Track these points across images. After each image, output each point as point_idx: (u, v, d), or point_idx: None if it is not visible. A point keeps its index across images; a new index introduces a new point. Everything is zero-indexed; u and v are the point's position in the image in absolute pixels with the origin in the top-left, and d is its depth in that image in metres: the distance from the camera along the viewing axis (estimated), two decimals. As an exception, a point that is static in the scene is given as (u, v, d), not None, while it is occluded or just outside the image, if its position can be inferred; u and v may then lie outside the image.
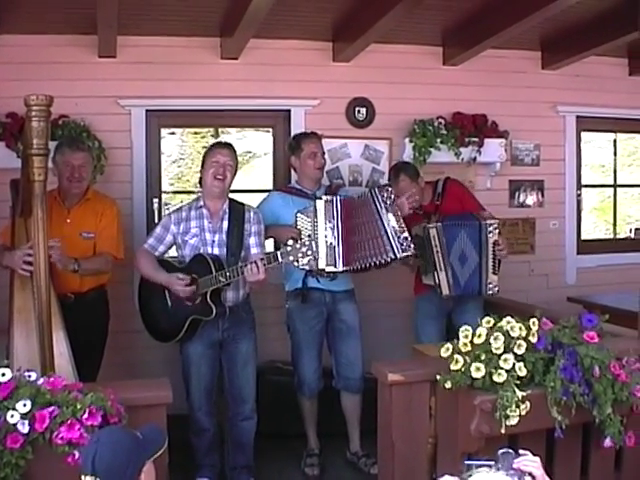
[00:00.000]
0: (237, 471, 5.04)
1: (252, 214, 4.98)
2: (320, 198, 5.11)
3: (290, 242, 4.54)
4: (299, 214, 5.06)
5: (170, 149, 6.98)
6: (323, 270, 5.02)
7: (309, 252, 4.50)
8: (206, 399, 4.93)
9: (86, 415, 3.11)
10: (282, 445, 5.61)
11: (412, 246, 5.02)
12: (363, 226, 5.06)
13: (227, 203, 4.94)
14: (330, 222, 5.03)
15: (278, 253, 4.56)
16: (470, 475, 2.15)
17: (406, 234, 5.02)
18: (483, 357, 3.54)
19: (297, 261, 4.55)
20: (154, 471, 2.73)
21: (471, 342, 3.61)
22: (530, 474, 2.19)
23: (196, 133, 7.26)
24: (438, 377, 3.65)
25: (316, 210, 5.04)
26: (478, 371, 3.50)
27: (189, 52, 6.13)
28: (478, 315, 3.88)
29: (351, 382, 5.39)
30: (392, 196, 5.05)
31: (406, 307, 6.18)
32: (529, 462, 2.22)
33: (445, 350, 3.64)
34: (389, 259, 5.01)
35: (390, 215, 5.01)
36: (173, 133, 7.15)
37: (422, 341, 5.46)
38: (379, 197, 5.04)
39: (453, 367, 3.58)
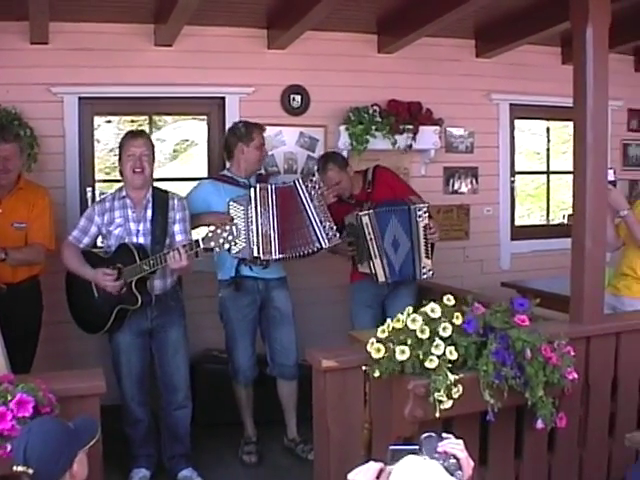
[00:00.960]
0: (175, 460, 5.02)
1: (176, 201, 4.94)
2: (254, 186, 5.10)
3: (211, 228, 4.53)
4: (232, 202, 5.04)
5: (107, 137, 6.89)
6: (258, 258, 5.02)
7: (230, 237, 4.49)
8: (138, 389, 4.89)
9: (15, 405, 3.07)
10: (220, 434, 5.60)
11: (337, 235, 5.11)
12: (293, 215, 5.10)
13: (150, 192, 4.89)
14: (265, 210, 5.03)
15: (199, 239, 4.55)
16: (396, 460, 2.17)
17: (331, 224, 5.09)
18: (410, 342, 3.57)
19: (219, 247, 4.54)
20: (87, 461, 2.72)
21: (393, 328, 3.65)
22: (454, 456, 2.21)
23: (133, 121, 7.17)
24: (364, 368, 3.69)
25: (250, 198, 5.03)
26: (403, 354, 3.53)
27: (123, 39, 6.06)
28: (410, 301, 3.93)
29: (286, 369, 5.40)
30: (316, 186, 5.10)
31: (341, 294, 6.23)
32: (453, 445, 2.23)
33: (370, 345, 3.66)
34: (315, 249, 5.10)
35: (314, 205, 5.08)
36: (110, 121, 7.06)
37: (358, 329, 5.48)
38: (303, 187, 5.11)
39: (375, 355, 3.61)
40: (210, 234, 4.51)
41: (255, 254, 4.95)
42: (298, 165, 6.60)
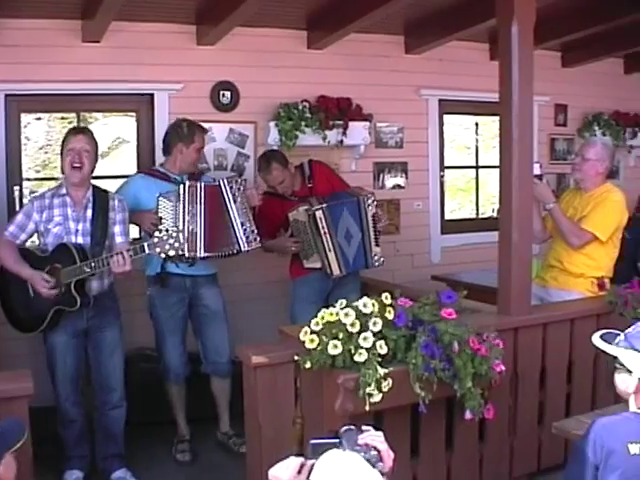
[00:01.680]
0: (108, 461, 4.96)
1: (117, 202, 4.88)
2: (184, 183, 5.08)
3: (157, 234, 4.50)
4: (161, 198, 5.01)
5: (36, 135, 6.79)
6: (182, 256, 4.96)
7: (176, 244, 4.47)
8: (73, 389, 4.82)
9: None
10: (153, 433, 5.55)
11: (258, 239, 5.13)
12: (218, 215, 5.09)
13: (91, 191, 4.82)
14: (193, 207, 5.01)
15: (145, 245, 4.51)
16: (317, 454, 2.18)
17: (252, 227, 5.11)
18: (341, 335, 3.59)
19: (165, 253, 4.52)
20: (15, 463, 2.69)
21: (327, 321, 3.67)
22: (375, 448, 2.22)
23: (63, 118, 7.08)
24: (296, 357, 3.70)
25: (179, 195, 5.00)
26: (335, 348, 3.56)
27: (50, 35, 5.93)
28: (355, 296, 3.94)
29: (219, 366, 5.39)
30: (241, 187, 5.11)
31: (277, 290, 6.25)
32: (373, 437, 2.25)
33: (304, 334, 3.68)
34: (235, 251, 5.11)
35: (237, 206, 5.08)
36: (39, 119, 6.95)
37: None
38: (227, 187, 5.10)
39: (309, 346, 3.63)
40: (156, 239, 4.48)
41: (170, 253, 4.91)
42: (228, 161, 6.56)
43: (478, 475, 4.57)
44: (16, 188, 6.00)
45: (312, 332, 3.67)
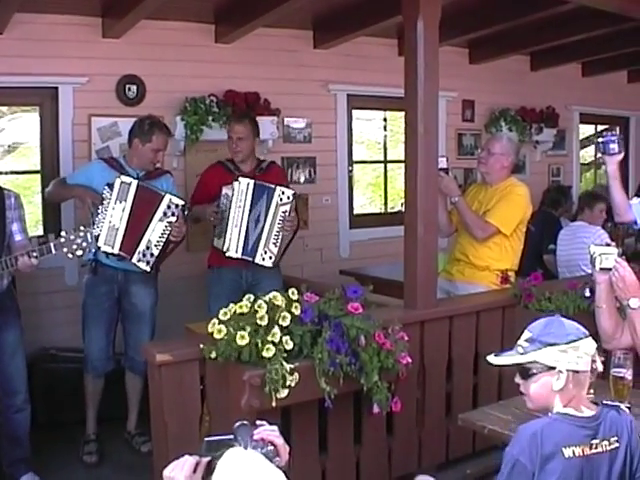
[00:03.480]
0: (15, 466, 4.81)
1: (13, 200, 4.72)
2: (119, 177, 5.00)
3: (64, 233, 4.40)
4: (107, 187, 4.93)
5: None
6: (99, 248, 4.91)
7: (84, 244, 4.37)
8: (-26, 395, 4.71)
9: None
10: (60, 434, 5.44)
11: (148, 267, 5.01)
12: (141, 219, 4.99)
13: None
14: (120, 203, 4.93)
15: (52, 245, 4.38)
16: (211, 452, 2.16)
17: (155, 252, 4.99)
18: (249, 329, 3.58)
19: (72, 253, 4.43)
20: None
21: (235, 313, 3.65)
22: (272, 443, 2.21)
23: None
24: (202, 346, 3.67)
25: (113, 187, 4.93)
26: (242, 339, 3.55)
27: (-51, 27, 5.78)
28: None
29: (135, 363, 5.29)
30: (175, 214, 5.00)
31: (186, 284, 6.27)
32: (268, 432, 2.24)
33: (212, 325, 3.66)
34: (129, 258, 5.00)
35: (159, 226, 4.98)
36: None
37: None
38: (165, 205, 5.00)
39: (216, 336, 3.61)
40: (62, 239, 4.37)
41: (99, 243, 4.81)
42: (135, 156, 6.45)
43: (387, 468, 4.61)
44: None
45: (220, 322, 3.65)
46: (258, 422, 2.26)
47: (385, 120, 8.44)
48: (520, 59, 8.69)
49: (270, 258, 5.40)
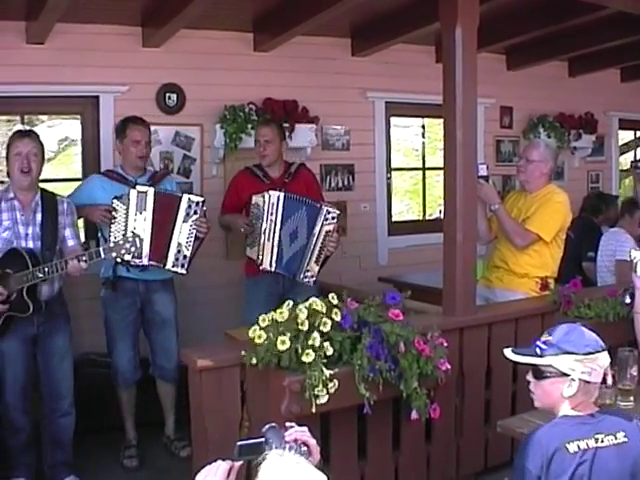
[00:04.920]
0: (56, 468, 4.89)
1: (65, 205, 4.83)
2: (134, 187, 5.01)
3: (112, 238, 4.48)
4: (115, 200, 4.93)
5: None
6: (129, 262, 4.93)
7: (132, 249, 4.45)
8: (22, 397, 4.73)
9: None
10: (100, 439, 5.47)
11: (186, 266, 5.02)
12: (165, 226, 5.01)
13: (39, 194, 4.76)
14: (141, 214, 4.94)
15: (101, 249, 4.48)
16: (244, 456, 2.17)
17: (187, 253, 5.00)
18: (289, 334, 3.60)
19: (120, 257, 4.50)
20: None
21: (274, 319, 3.68)
22: (304, 443, 2.22)
23: (9, 121, 6.98)
24: (243, 353, 3.70)
25: (129, 200, 4.94)
26: (283, 344, 3.56)
27: (-7, 36, 5.88)
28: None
29: (166, 371, 5.36)
30: (198, 212, 5.02)
31: (224, 292, 6.26)
32: (300, 432, 2.25)
33: (252, 331, 3.68)
34: (162, 266, 5.03)
35: (184, 227, 5.00)
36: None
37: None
38: (185, 204, 5.01)
39: (257, 341, 3.63)
40: (112, 244, 4.47)
41: (125, 258, 4.86)
42: (174, 164, 6.53)
43: (425, 475, 4.59)
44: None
45: (260, 329, 3.67)
46: (288, 424, 2.28)
47: (423, 127, 8.43)
48: (558, 65, 8.65)
49: (312, 277, 5.40)
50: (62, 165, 7.61)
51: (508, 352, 3.04)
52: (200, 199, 5.08)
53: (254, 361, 3.64)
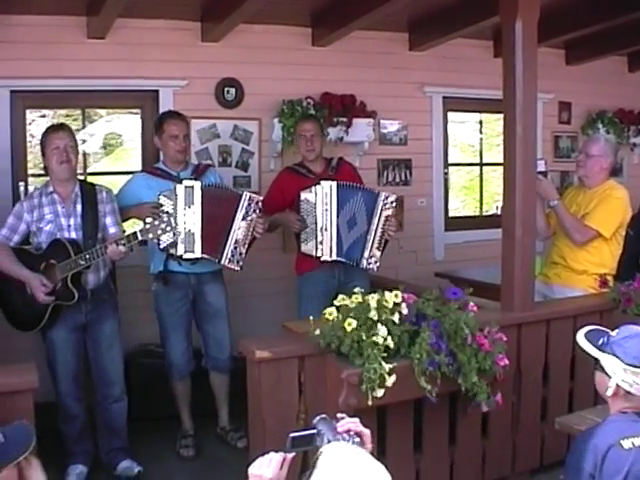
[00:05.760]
0: (113, 453, 4.99)
1: (104, 194, 4.91)
2: (181, 182, 5.04)
3: (148, 220, 4.52)
4: (161, 196, 4.97)
5: (41, 132, 6.78)
6: (181, 256, 4.98)
7: (168, 228, 4.49)
8: (74, 385, 4.83)
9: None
10: (156, 428, 5.55)
11: (240, 264, 5.04)
12: (220, 220, 5.04)
13: (78, 186, 4.85)
14: (190, 207, 4.97)
15: (137, 231, 4.53)
16: (296, 447, 2.19)
17: (242, 251, 5.03)
18: (355, 323, 3.63)
19: (158, 238, 4.55)
20: (16, 476, 2.63)
21: (346, 305, 3.73)
22: (358, 434, 2.23)
23: (68, 115, 7.09)
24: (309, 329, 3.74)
25: (176, 195, 4.97)
26: (349, 325, 3.59)
27: (55, 31, 5.94)
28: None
29: (219, 362, 5.41)
30: (256, 210, 5.05)
31: (281, 285, 6.29)
32: (353, 423, 2.25)
33: (329, 313, 3.72)
34: (216, 260, 5.06)
35: (243, 224, 5.02)
36: (44, 116, 6.96)
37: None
38: (245, 203, 5.03)
39: (327, 317, 3.68)
40: (147, 225, 4.50)
41: (179, 252, 4.88)
42: (233, 158, 6.58)
43: (480, 471, 4.59)
44: (21, 184, 6.01)
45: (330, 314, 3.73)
46: (339, 415, 2.29)
47: (480, 123, 8.38)
48: (617, 60, 8.51)
49: (375, 263, 5.40)
50: (119, 160, 7.69)
51: (580, 335, 3.02)
52: (260, 198, 5.12)
53: (317, 332, 3.69)
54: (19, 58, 5.84)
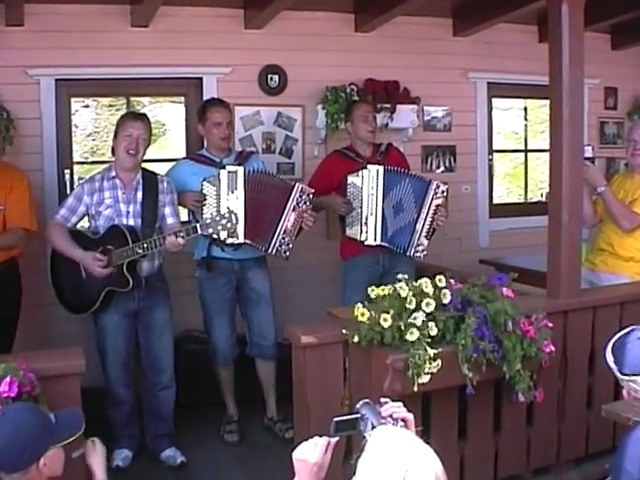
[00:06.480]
0: (158, 440, 5.05)
1: (165, 184, 4.96)
2: (224, 167, 5.07)
3: (209, 214, 4.56)
4: (205, 182, 5.00)
5: (84, 122, 6.83)
6: (224, 241, 4.98)
7: (229, 224, 4.52)
8: (123, 370, 4.90)
9: (4, 387, 3.06)
10: (201, 414, 5.61)
11: (287, 255, 5.04)
12: (267, 205, 5.05)
13: (140, 174, 4.89)
14: (233, 193, 4.98)
15: (197, 225, 4.58)
16: (340, 432, 2.19)
17: (290, 242, 5.02)
18: (392, 312, 3.61)
19: (216, 233, 4.57)
20: (62, 457, 2.71)
21: (379, 295, 3.70)
22: (402, 419, 2.22)
23: (111, 105, 7.11)
24: (344, 331, 3.73)
25: (219, 180, 4.99)
26: (385, 322, 3.58)
27: (99, 20, 5.99)
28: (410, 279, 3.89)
29: (264, 349, 5.41)
30: (307, 202, 5.05)
31: (324, 272, 6.30)
32: (397, 408, 2.24)
33: (356, 309, 3.70)
34: (263, 249, 5.07)
35: (292, 216, 5.01)
36: (87, 106, 7.00)
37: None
38: (297, 194, 5.03)
39: (360, 319, 3.66)
40: (208, 220, 4.56)
41: (222, 234, 4.92)
42: (276, 145, 6.60)
43: (525, 458, 4.56)
44: (67, 172, 6.08)
45: (364, 306, 3.70)
46: (382, 400, 2.28)
47: (525, 110, 8.30)
48: (665, 44, 8.40)
49: (423, 251, 5.36)
50: (162, 149, 7.72)
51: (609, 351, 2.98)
52: (311, 190, 5.10)
53: (356, 339, 3.66)
54: (64, 47, 5.89)
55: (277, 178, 5.24)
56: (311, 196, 5.08)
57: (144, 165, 5.01)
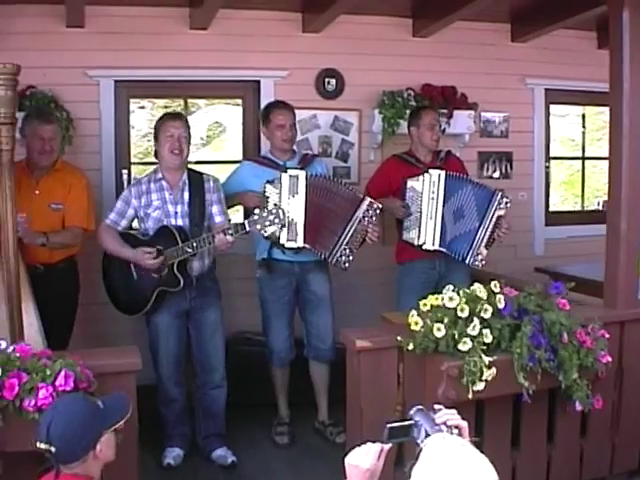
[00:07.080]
0: (209, 440, 5.08)
1: (211, 183, 4.99)
2: (286, 171, 5.07)
3: (257, 211, 4.56)
4: (267, 184, 5.01)
5: (140, 123, 6.91)
6: (283, 245, 5.01)
7: (276, 220, 4.52)
8: (175, 369, 4.95)
9: (61, 380, 3.11)
10: (251, 414, 5.62)
11: (347, 265, 5.04)
12: (331, 213, 5.06)
13: (186, 174, 4.94)
14: (294, 197, 4.99)
15: (245, 222, 4.58)
16: (393, 438, 2.18)
17: (352, 251, 5.02)
18: (446, 320, 3.59)
19: (264, 230, 4.57)
20: (114, 441, 2.74)
21: (432, 305, 3.68)
22: (457, 427, 2.20)
23: (166, 107, 7.19)
24: (399, 338, 3.71)
25: (281, 184, 5.00)
26: (439, 331, 3.56)
27: (158, 22, 6.06)
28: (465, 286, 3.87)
29: (321, 352, 5.41)
30: (374, 217, 5.03)
31: (380, 276, 6.27)
32: (451, 415, 2.22)
33: (410, 316, 3.69)
34: (323, 256, 5.07)
35: (359, 227, 5.01)
36: (143, 107, 7.08)
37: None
38: (365, 207, 5.02)
39: (413, 328, 3.64)
40: (256, 217, 4.55)
41: (281, 240, 4.92)
42: (333, 148, 6.60)
43: (578, 470, 4.51)
44: (124, 171, 6.15)
45: (418, 314, 3.69)
46: (436, 406, 2.26)
47: (583, 117, 8.21)
48: None
49: (482, 260, 5.32)
50: (217, 151, 7.77)
51: None
52: (379, 205, 5.08)
53: (411, 347, 3.65)
54: (123, 49, 5.97)
55: (343, 185, 5.21)
56: (378, 211, 5.06)
57: (199, 167, 5.05)
